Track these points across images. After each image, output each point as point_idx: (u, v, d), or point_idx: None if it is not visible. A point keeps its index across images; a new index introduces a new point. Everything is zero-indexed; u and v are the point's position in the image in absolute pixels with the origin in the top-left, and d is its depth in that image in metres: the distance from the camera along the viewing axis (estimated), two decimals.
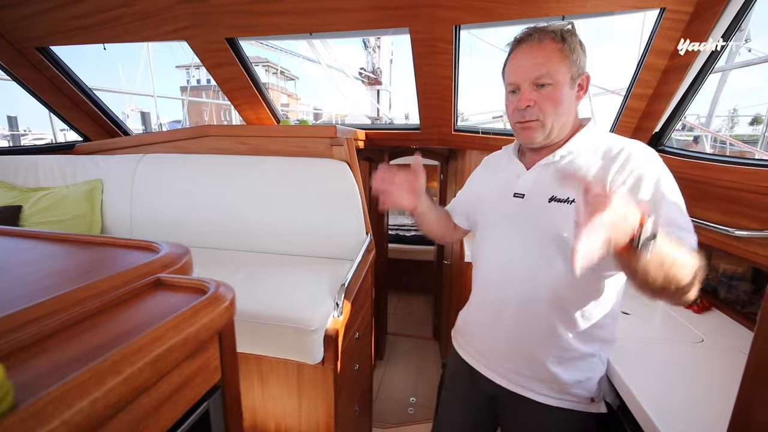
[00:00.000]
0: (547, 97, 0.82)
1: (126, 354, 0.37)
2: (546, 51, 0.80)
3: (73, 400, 0.32)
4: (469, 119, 7.46)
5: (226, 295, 0.54)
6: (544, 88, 0.81)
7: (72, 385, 0.32)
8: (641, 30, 1.84)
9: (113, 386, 0.34)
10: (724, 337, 1.10)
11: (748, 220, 1.10)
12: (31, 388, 0.34)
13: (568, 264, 0.82)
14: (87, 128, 2.26)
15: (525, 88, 0.83)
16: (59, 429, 0.30)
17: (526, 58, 0.82)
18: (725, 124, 11.36)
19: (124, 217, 1.83)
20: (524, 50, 0.83)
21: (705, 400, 0.83)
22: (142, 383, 0.38)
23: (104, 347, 0.41)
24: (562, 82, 0.81)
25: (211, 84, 28.65)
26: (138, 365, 0.37)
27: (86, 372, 0.34)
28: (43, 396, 0.31)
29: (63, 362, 0.38)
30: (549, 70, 0.80)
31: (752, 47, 4.65)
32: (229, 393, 0.57)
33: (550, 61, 0.80)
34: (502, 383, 0.94)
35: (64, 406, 0.31)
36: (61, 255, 0.67)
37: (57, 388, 0.32)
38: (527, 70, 0.82)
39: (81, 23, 1.72)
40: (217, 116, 18.32)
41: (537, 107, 0.82)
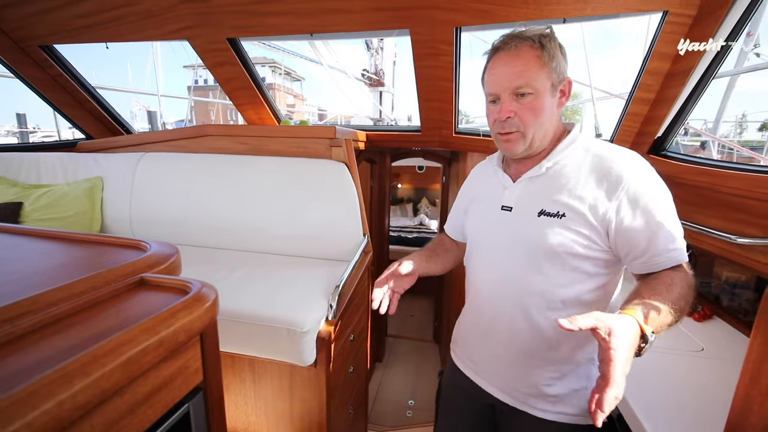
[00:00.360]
0: (528, 107, 0.80)
1: (97, 355, 0.37)
2: (524, 59, 0.78)
3: (38, 402, 0.31)
4: (474, 121, 7.44)
5: (209, 295, 0.53)
6: (525, 97, 0.80)
7: (38, 386, 0.32)
8: (646, 33, 1.82)
9: (81, 388, 0.34)
10: (725, 346, 1.08)
11: (750, 228, 1.08)
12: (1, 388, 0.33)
13: (562, 278, 0.80)
14: (90, 126, 2.28)
15: (505, 99, 0.81)
16: (22, 430, 0.30)
17: (504, 67, 0.80)
18: (733, 129, 11.24)
19: (123, 216, 1.84)
20: (502, 58, 0.81)
21: (702, 410, 0.81)
22: (113, 385, 0.37)
23: (77, 348, 0.40)
24: (542, 91, 0.79)
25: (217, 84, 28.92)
26: (108, 367, 0.37)
27: (53, 373, 0.33)
28: (6, 397, 0.31)
29: (33, 364, 0.38)
30: (528, 80, 0.78)
31: (761, 52, 4.60)
32: (212, 394, 0.56)
33: (529, 69, 0.78)
34: (499, 396, 0.93)
35: (28, 407, 0.31)
36: (49, 253, 0.67)
37: (22, 389, 0.31)
38: (506, 79, 0.80)
39: (84, 22, 1.74)
40: (224, 116, 18.42)
41: (517, 118, 0.81)
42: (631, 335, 0.60)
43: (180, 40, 1.86)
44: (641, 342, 0.61)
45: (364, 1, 1.51)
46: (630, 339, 0.59)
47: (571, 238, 0.77)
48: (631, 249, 0.76)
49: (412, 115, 6.04)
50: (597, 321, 0.59)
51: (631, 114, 1.52)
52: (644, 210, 0.74)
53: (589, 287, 0.80)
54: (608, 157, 0.79)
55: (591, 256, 0.78)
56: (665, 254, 0.73)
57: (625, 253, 0.77)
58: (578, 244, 0.77)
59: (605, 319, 0.59)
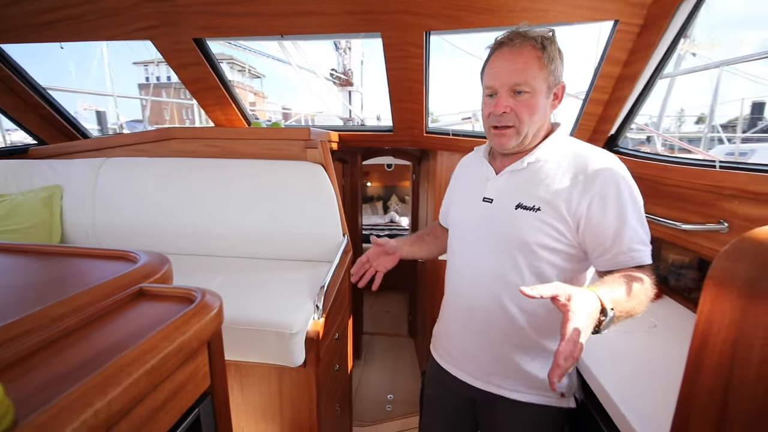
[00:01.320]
0: (524, 105, 0.82)
1: (123, 365, 0.38)
2: (525, 58, 0.80)
3: (76, 413, 0.32)
4: (438, 119, 7.60)
5: (214, 303, 0.55)
6: (521, 95, 0.82)
7: (75, 396, 0.33)
8: (597, 39, 1.97)
9: (114, 397, 0.35)
10: (675, 321, 1.21)
11: (692, 215, 1.21)
12: (28, 404, 0.34)
13: (533, 270, 0.85)
14: (42, 131, 2.13)
15: (502, 94, 0.83)
16: None
17: (506, 63, 0.82)
18: (674, 123, 12.22)
19: (85, 225, 1.75)
20: (504, 54, 0.82)
21: (660, 377, 0.90)
22: (140, 392, 0.39)
23: (95, 361, 0.41)
24: (538, 91, 0.82)
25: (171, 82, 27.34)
26: (135, 375, 0.38)
27: (86, 384, 0.34)
28: (46, 410, 0.32)
29: (54, 378, 0.38)
30: (527, 78, 0.80)
31: (697, 52, 5.05)
32: (218, 399, 0.58)
33: (528, 68, 0.80)
34: (478, 385, 0.97)
35: (69, 419, 0.32)
36: (30, 268, 0.65)
37: (59, 402, 0.32)
38: (506, 75, 0.82)
39: (37, 20, 1.62)
40: (179, 115, 17.53)
41: (513, 113, 0.83)
42: (590, 304, 0.63)
43: (143, 41, 1.79)
44: (601, 315, 0.65)
45: (336, 4, 1.52)
46: (588, 307, 0.62)
47: (544, 231, 0.83)
48: (598, 245, 0.81)
49: (381, 114, 6.08)
50: (557, 289, 0.62)
51: (587, 114, 1.65)
52: (613, 209, 0.78)
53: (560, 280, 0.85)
54: (586, 156, 0.84)
55: (562, 250, 0.84)
56: (629, 253, 0.78)
57: (592, 249, 0.82)
58: (550, 238, 0.83)
59: (565, 287, 0.63)
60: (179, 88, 23.98)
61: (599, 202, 0.79)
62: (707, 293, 0.52)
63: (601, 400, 0.90)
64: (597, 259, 0.83)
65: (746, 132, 8.28)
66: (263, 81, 29.50)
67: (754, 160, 6.61)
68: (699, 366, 0.52)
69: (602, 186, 0.79)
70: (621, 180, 0.80)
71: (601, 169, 0.81)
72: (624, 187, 0.80)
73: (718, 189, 1.11)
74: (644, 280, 0.76)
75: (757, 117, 12.09)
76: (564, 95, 0.88)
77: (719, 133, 6.80)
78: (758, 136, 9.49)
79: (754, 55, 1.75)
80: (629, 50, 1.39)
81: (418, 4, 1.46)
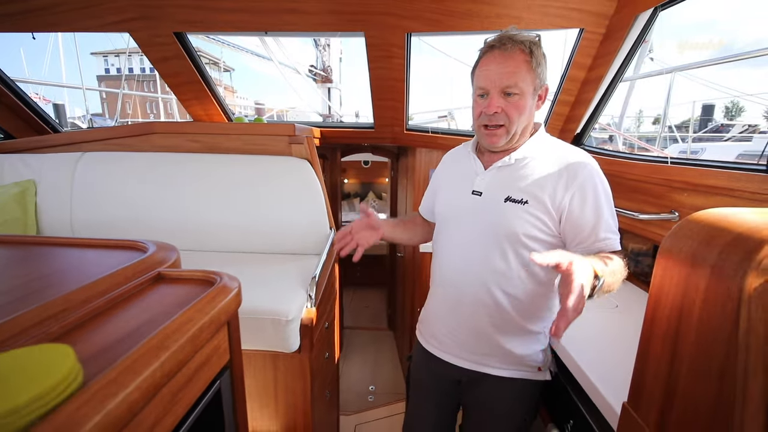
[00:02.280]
0: (514, 105, 0.89)
1: (168, 333, 0.43)
2: (515, 61, 0.86)
3: (138, 372, 0.37)
4: (413, 117, 7.71)
5: (233, 285, 0.60)
6: (511, 96, 0.88)
7: (135, 358, 0.38)
8: (564, 45, 2.11)
9: (166, 358, 0.40)
10: (634, 302, 1.35)
11: (648, 206, 1.35)
12: (86, 368, 0.38)
13: (519, 258, 0.94)
14: (8, 124, 2.04)
15: (494, 95, 0.89)
16: (134, 393, 0.36)
17: (497, 66, 0.88)
18: (634, 123, 12.98)
19: (63, 221, 1.71)
20: (495, 57, 0.88)
21: (621, 349, 1.02)
22: (184, 357, 0.44)
23: (137, 333, 0.45)
24: (527, 93, 0.89)
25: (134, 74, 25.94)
26: (180, 342, 0.43)
27: (142, 347, 0.39)
28: (111, 369, 0.36)
29: (101, 348, 0.43)
30: (517, 81, 0.87)
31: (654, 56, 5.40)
32: (235, 373, 0.63)
33: (518, 71, 0.86)
34: (463, 365, 1.05)
35: (132, 377, 0.37)
36: (46, 257, 0.67)
37: (122, 362, 0.37)
38: (497, 78, 0.88)
39: (11, 9, 1.56)
40: (143, 109, 16.76)
41: (504, 113, 0.90)
42: (587, 269, 0.70)
43: (120, 33, 1.75)
44: (594, 280, 0.71)
45: (321, 4, 1.56)
46: (586, 270, 0.69)
47: (531, 223, 0.91)
48: (577, 235, 0.90)
49: (360, 111, 6.11)
50: (561, 257, 0.68)
51: (555, 113, 1.78)
52: (591, 202, 0.88)
53: (542, 268, 0.94)
54: (567, 155, 0.93)
55: (545, 240, 0.93)
56: (604, 241, 0.88)
57: (571, 238, 0.91)
58: (536, 228, 0.91)
59: (567, 255, 0.69)
60: (141, 81, 22.87)
61: (579, 195, 0.89)
62: (658, 266, 0.62)
63: (572, 371, 1.01)
64: (575, 247, 0.91)
65: (698, 132, 8.92)
66: (232, 75, 28.66)
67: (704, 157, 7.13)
68: (654, 321, 0.62)
69: (582, 182, 0.89)
70: (596, 176, 0.91)
71: (580, 166, 0.90)
72: (599, 182, 0.90)
73: (669, 183, 1.25)
74: (619, 262, 0.84)
75: (707, 118, 13.02)
76: (547, 96, 0.96)
77: (674, 132, 7.30)
78: (709, 135, 10.23)
79: (706, 62, 1.94)
80: (593, 56, 1.52)
81: (401, 7, 1.53)
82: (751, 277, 0.47)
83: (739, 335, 0.48)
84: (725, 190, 1.06)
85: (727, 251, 0.51)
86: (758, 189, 0.96)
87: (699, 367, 0.54)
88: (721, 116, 22.83)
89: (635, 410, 0.69)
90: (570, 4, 1.40)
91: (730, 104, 25.81)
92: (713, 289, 0.52)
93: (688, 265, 0.56)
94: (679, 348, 0.58)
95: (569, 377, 1.03)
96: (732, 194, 1.04)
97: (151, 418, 0.39)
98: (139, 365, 0.37)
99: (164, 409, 0.41)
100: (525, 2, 1.44)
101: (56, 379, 0.31)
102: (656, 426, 0.62)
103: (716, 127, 12.08)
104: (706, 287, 0.53)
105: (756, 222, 0.52)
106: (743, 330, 0.48)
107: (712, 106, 14.66)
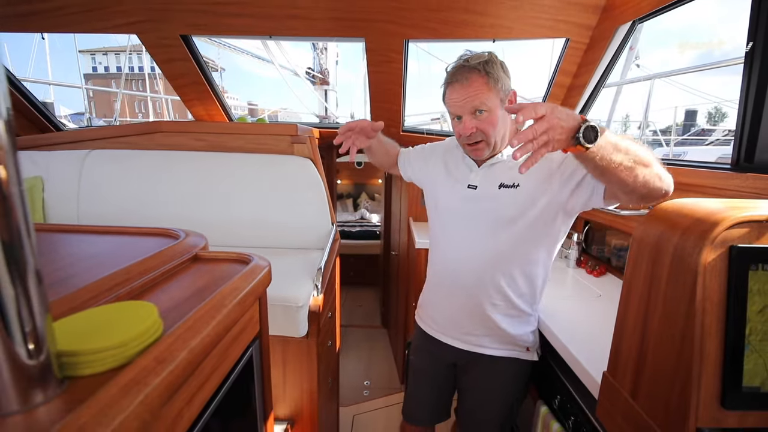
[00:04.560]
0: (486, 122, 0.99)
1: (224, 295, 0.51)
2: (474, 86, 0.96)
3: (201, 329, 0.45)
4: (407, 119, 7.83)
5: (263, 264, 0.68)
6: (482, 114, 0.98)
7: (198, 316, 0.46)
8: (551, 51, 2.23)
9: (219, 320, 0.48)
10: (615, 292, 1.46)
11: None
12: None
13: (513, 240, 1.03)
14: None
15: (466, 118, 1.00)
16: (198, 346, 0.43)
17: (460, 95, 0.98)
18: (620, 128, 13.32)
19: (70, 217, 1.75)
20: (456, 88, 0.99)
21: (603, 334, 1.12)
22: (235, 317, 0.52)
23: (190, 300, 0.53)
24: (494, 107, 0.98)
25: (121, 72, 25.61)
26: (229, 306, 0.51)
27: (200, 310, 0.47)
28: (182, 324, 0.44)
29: (165, 309, 0.50)
30: (482, 100, 0.96)
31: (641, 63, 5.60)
32: (264, 343, 0.70)
33: (480, 93, 0.96)
34: (459, 345, 1.15)
35: (198, 332, 0.44)
36: (90, 243, 0.74)
37: (188, 320, 0.45)
38: (464, 104, 0.98)
39: (18, 10, 1.61)
40: (131, 108, 16.47)
41: (479, 131, 1.00)
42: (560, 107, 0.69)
43: (128, 34, 1.81)
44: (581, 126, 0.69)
45: (324, 10, 1.65)
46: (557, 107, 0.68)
47: (522, 203, 1.01)
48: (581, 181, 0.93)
49: (355, 113, 6.20)
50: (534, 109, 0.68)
51: None
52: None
53: (534, 247, 1.05)
54: None
55: (537, 217, 1.01)
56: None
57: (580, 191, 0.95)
58: (527, 206, 1.01)
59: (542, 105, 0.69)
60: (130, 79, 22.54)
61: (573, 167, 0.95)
62: (632, 250, 0.73)
63: (557, 350, 1.11)
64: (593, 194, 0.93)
65: (681, 136, 9.21)
66: (223, 75, 28.44)
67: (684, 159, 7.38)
68: (629, 298, 0.72)
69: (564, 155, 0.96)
70: None
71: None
72: None
73: None
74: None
75: (690, 123, 13.41)
76: (517, 100, 1.03)
77: (658, 136, 7.55)
78: (692, 139, 10.57)
79: (685, 69, 2.08)
80: (578, 64, 1.64)
81: (401, 16, 1.62)
82: (706, 251, 0.57)
83: (696, 301, 0.58)
84: (696, 186, 1.17)
85: (687, 233, 0.61)
86: (723, 185, 1.08)
87: (664, 334, 0.64)
88: (704, 121, 23.55)
89: (613, 377, 0.79)
90: (557, 15, 1.52)
91: (713, 110, 26.57)
92: (676, 265, 0.62)
93: (656, 247, 0.66)
94: (649, 319, 0.68)
95: (556, 357, 1.12)
96: (702, 191, 1.16)
97: (211, 364, 0.46)
98: (207, 317, 0.44)
99: (219, 360, 0.49)
100: (516, 13, 1.54)
101: (149, 323, 0.39)
102: (631, 388, 0.72)
103: (698, 131, 12.49)
104: (670, 264, 0.63)
105: (711, 208, 0.62)
106: (699, 297, 0.58)
107: (695, 112, 15.15)
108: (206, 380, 0.47)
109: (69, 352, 0.34)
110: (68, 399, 0.33)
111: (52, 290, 0.48)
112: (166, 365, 0.36)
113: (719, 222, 0.58)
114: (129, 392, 0.32)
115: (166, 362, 0.36)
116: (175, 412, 0.40)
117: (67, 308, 0.44)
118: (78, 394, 0.33)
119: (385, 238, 4.10)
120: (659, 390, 0.64)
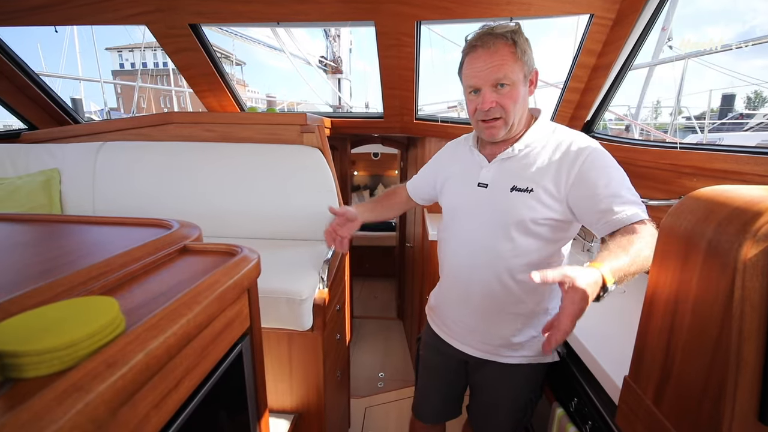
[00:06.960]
0: (507, 96, 0.89)
1: (199, 291, 0.47)
2: (501, 54, 0.87)
3: (173, 321, 0.42)
4: (423, 109, 7.69)
5: (253, 256, 0.64)
6: (503, 88, 0.89)
7: (172, 308, 0.42)
8: (576, 29, 2.09)
9: (199, 311, 0.44)
10: (641, 287, 1.35)
11: (657, 192, 1.36)
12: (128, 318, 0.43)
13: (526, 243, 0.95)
14: (33, 115, 2.12)
15: (486, 91, 0.90)
16: (170, 338, 0.40)
17: (484, 63, 0.88)
18: (651, 114, 12.65)
19: (86, 207, 1.78)
20: (480, 55, 0.89)
21: (627, 331, 1.04)
22: (212, 313, 0.48)
23: (169, 292, 0.50)
24: (517, 82, 0.89)
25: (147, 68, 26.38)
26: (210, 298, 0.48)
27: (176, 301, 0.44)
28: (156, 314, 0.41)
29: (138, 304, 0.47)
30: (506, 73, 0.87)
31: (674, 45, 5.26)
32: (255, 339, 0.67)
33: (506, 63, 0.87)
34: (472, 353, 1.08)
35: (168, 326, 0.41)
36: (79, 233, 0.72)
37: (160, 312, 0.41)
38: (486, 73, 0.88)
39: (30, 3, 1.63)
40: (156, 103, 16.99)
41: (499, 106, 0.90)
42: (591, 286, 0.67)
43: (137, 25, 1.81)
44: (601, 291, 0.70)
45: None
46: (590, 288, 0.67)
47: (536, 209, 0.92)
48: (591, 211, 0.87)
49: (370, 102, 6.12)
50: (564, 276, 0.66)
51: (565, 101, 1.78)
52: (600, 176, 0.86)
53: (549, 250, 0.97)
54: (568, 139, 0.93)
55: (551, 224, 0.93)
56: (621, 213, 0.82)
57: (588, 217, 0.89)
58: (542, 214, 0.92)
59: (570, 272, 0.66)
60: (155, 74, 23.23)
61: (584, 174, 0.88)
62: (659, 243, 0.65)
63: (577, 351, 1.03)
64: (596, 225, 0.88)
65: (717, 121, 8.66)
66: (243, 69, 28.83)
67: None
68: (654, 297, 0.65)
69: (585, 160, 0.88)
70: (599, 153, 0.90)
71: (583, 147, 0.91)
72: (605, 158, 0.90)
73: (678, 168, 1.25)
74: (647, 235, 0.79)
75: (727, 108, 12.63)
76: (538, 81, 0.96)
77: (692, 121, 7.12)
78: (730, 124, 9.93)
79: (721, 48, 1.90)
80: (603, 42, 1.52)
81: None
82: (746, 246, 0.49)
83: (734, 303, 0.50)
84: (733, 173, 1.06)
85: (724, 224, 0.53)
86: (766, 172, 0.96)
87: (694, 338, 0.57)
88: (742, 106, 22.11)
89: (635, 382, 0.71)
90: None
91: (752, 94, 24.91)
92: (710, 261, 0.54)
93: (686, 241, 0.58)
94: (677, 322, 0.60)
95: (574, 358, 1.05)
96: (740, 178, 1.05)
97: (184, 365, 0.43)
98: (175, 315, 0.41)
99: (194, 361, 0.46)
100: None
101: (104, 322, 0.36)
102: (654, 395, 0.65)
103: (735, 116, 11.71)
104: (703, 260, 0.55)
105: (753, 196, 0.54)
106: (738, 298, 0.51)
107: (733, 96, 14.18)
108: (179, 382, 0.44)
109: (10, 352, 0.31)
110: (6, 404, 0.30)
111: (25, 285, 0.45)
112: (116, 369, 0.32)
113: (763, 212, 0.50)
114: (66, 399, 0.28)
115: (116, 366, 0.33)
116: (139, 417, 0.37)
117: (32, 303, 0.42)
118: (19, 398, 0.30)
119: (400, 230, 4.05)
120: (687, 399, 0.57)
